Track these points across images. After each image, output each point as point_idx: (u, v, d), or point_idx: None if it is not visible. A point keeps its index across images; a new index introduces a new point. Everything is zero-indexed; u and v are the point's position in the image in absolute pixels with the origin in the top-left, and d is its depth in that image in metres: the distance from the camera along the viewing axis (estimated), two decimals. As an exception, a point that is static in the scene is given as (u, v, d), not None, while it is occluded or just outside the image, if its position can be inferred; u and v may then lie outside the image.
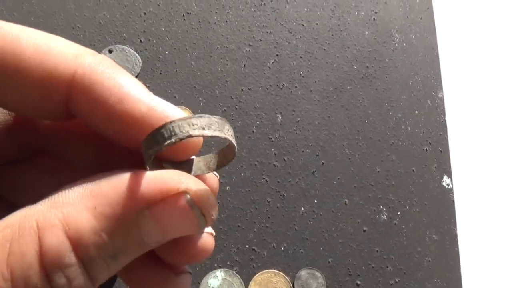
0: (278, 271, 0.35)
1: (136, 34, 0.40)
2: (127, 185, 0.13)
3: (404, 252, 0.37)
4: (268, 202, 0.37)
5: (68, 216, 0.12)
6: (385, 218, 0.38)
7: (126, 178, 0.13)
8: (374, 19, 0.43)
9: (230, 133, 0.14)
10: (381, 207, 0.38)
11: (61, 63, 0.13)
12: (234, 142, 0.14)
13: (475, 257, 0.38)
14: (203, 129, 0.13)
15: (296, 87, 0.40)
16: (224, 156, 0.15)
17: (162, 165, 0.14)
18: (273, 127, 0.39)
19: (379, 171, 0.39)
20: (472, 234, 0.39)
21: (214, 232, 0.16)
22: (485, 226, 0.39)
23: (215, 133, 0.13)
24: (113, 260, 0.13)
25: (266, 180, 0.37)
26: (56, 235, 0.12)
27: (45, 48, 0.13)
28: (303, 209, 0.37)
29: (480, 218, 0.39)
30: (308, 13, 0.43)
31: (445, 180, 0.39)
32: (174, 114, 0.14)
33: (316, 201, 0.37)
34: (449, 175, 0.40)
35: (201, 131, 0.13)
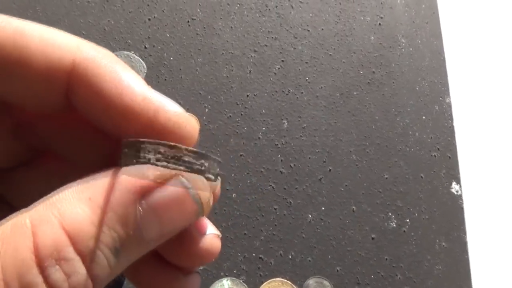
0: (285, 280, 0.34)
1: (140, 40, 0.40)
2: (122, 176, 0.13)
3: (414, 260, 0.36)
4: (275, 209, 0.36)
5: (64, 210, 0.12)
6: (394, 225, 0.37)
7: (121, 169, 0.13)
8: (380, 24, 0.43)
9: (205, 165, 0.13)
10: (390, 214, 0.37)
11: (63, 53, 0.13)
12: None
13: (485, 265, 0.37)
14: (167, 163, 0.12)
15: (302, 92, 0.40)
16: None
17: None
18: (279, 133, 0.38)
19: (387, 178, 0.38)
20: (482, 241, 0.38)
21: (219, 234, 0.16)
22: (495, 233, 0.39)
23: (185, 173, 0.13)
24: (114, 256, 0.12)
25: (272, 187, 0.37)
26: (51, 228, 0.11)
27: (49, 40, 0.13)
28: (310, 216, 0.36)
29: (490, 225, 0.39)
30: (314, 19, 0.43)
31: (454, 187, 0.39)
32: (170, 108, 0.14)
33: (323, 208, 0.37)
34: (458, 181, 0.39)
35: (161, 163, 0.12)
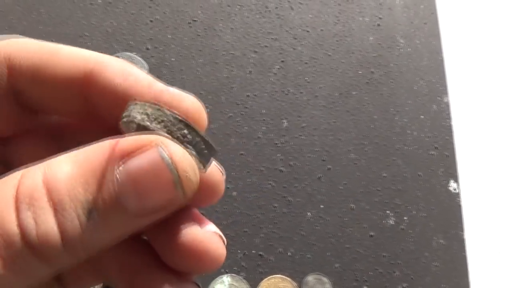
0: (285, 277, 0.35)
1: (142, 41, 0.40)
2: (108, 141, 0.13)
3: (412, 257, 0.37)
4: (275, 207, 0.37)
5: (50, 166, 0.13)
6: (392, 223, 0.37)
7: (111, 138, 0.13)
8: (378, 24, 0.44)
9: (188, 137, 0.13)
10: (388, 212, 0.38)
11: (81, 62, 0.15)
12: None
13: (483, 262, 0.38)
14: (151, 121, 0.13)
15: (302, 92, 0.41)
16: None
17: None
18: (279, 133, 0.39)
19: (385, 176, 0.39)
20: (479, 238, 0.39)
21: (223, 236, 0.16)
22: (493, 230, 0.39)
23: (161, 132, 0.13)
24: (87, 217, 0.12)
25: (272, 185, 0.37)
26: (33, 177, 0.12)
27: (72, 53, 0.15)
28: (309, 214, 0.37)
29: (487, 223, 0.39)
30: (313, 19, 0.43)
31: (452, 185, 0.39)
32: (174, 90, 0.15)
33: (322, 206, 0.37)
34: (456, 180, 0.39)
35: (146, 123, 0.13)
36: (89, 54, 0.15)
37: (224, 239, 0.16)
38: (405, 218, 0.38)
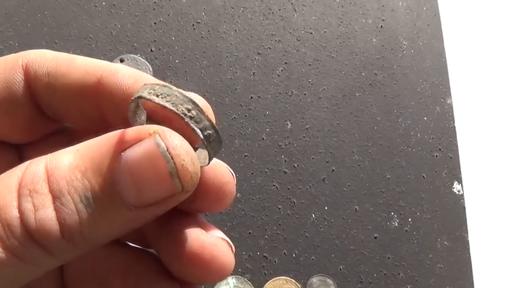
0: (289, 278, 0.35)
1: (146, 43, 0.40)
2: (110, 133, 0.13)
3: (416, 259, 0.37)
4: (279, 209, 0.37)
5: (54, 154, 0.13)
6: (396, 224, 0.37)
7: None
8: (381, 26, 0.44)
9: (193, 112, 0.13)
10: (392, 213, 0.38)
11: (93, 71, 0.15)
12: (191, 124, 0.13)
13: (487, 264, 0.38)
14: (157, 96, 0.13)
15: (305, 94, 0.41)
16: (212, 148, 0.14)
17: None
18: (283, 134, 0.39)
19: (389, 178, 0.39)
20: (483, 240, 0.39)
21: (232, 243, 0.15)
22: (496, 232, 0.39)
23: (166, 104, 0.13)
24: (85, 205, 0.12)
25: (276, 187, 0.37)
26: (36, 166, 0.13)
27: (86, 63, 0.15)
28: (313, 216, 0.37)
29: (491, 224, 0.39)
30: (316, 21, 0.43)
31: (456, 186, 0.39)
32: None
33: (326, 208, 0.37)
34: (460, 181, 0.40)
35: (152, 97, 0.13)
36: (100, 63, 0.16)
37: (232, 246, 0.15)
38: (409, 219, 0.38)
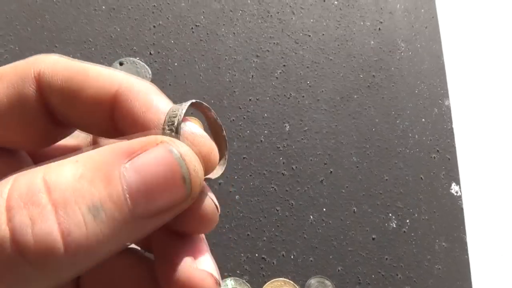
0: (287, 280, 0.35)
1: (146, 46, 0.41)
2: (113, 143, 0.13)
3: (414, 260, 0.37)
4: (277, 210, 0.37)
5: (49, 166, 0.12)
6: (394, 226, 0.38)
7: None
8: (379, 29, 0.44)
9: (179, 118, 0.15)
10: (390, 215, 0.38)
11: (110, 83, 0.15)
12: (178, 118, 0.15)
13: (485, 265, 0.38)
14: (174, 117, 0.15)
15: (304, 96, 0.41)
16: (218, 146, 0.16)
17: None
18: (281, 136, 0.39)
19: (387, 179, 0.39)
20: (481, 241, 0.39)
21: (219, 277, 0.15)
22: (494, 233, 0.39)
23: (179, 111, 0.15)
24: (93, 215, 0.11)
25: (274, 189, 0.38)
26: (31, 178, 0.11)
27: (102, 74, 0.15)
28: (312, 217, 0.37)
29: (489, 225, 0.39)
30: (314, 24, 0.43)
31: (454, 188, 0.39)
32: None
33: (324, 209, 0.37)
34: (458, 183, 0.40)
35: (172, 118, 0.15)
36: (116, 76, 0.15)
37: (219, 280, 0.15)
38: (407, 221, 0.38)
